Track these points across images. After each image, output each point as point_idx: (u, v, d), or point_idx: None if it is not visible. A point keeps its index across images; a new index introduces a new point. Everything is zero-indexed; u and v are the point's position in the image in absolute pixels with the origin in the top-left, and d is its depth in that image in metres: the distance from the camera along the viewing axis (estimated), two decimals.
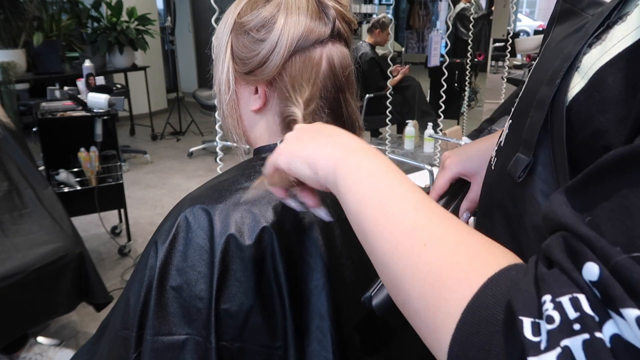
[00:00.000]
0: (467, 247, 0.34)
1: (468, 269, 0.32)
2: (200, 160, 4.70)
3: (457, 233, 0.35)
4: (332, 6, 0.63)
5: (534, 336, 0.26)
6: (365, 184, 0.40)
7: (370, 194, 0.39)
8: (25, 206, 1.72)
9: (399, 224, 0.36)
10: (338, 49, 0.64)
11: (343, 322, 0.63)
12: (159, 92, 6.31)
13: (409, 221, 0.36)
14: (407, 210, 0.37)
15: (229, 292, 0.59)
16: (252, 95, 0.67)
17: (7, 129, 1.85)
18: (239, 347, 0.60)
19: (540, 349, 0.25)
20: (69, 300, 1.69)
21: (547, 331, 0.25)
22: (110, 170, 2.60)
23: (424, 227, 0.35)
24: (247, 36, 0.63)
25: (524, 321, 0.27)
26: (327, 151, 0.45)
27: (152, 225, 3.16)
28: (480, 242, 0.34)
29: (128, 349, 0.62)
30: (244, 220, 0.59)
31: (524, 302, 0.27)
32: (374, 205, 0.38)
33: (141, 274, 0.61)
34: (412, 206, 0.37)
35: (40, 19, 3.86)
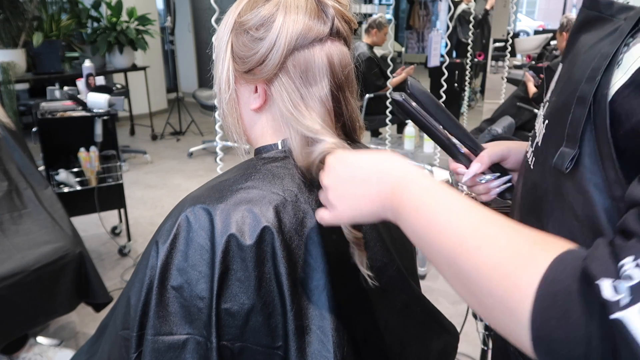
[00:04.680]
0: (524, 238, 0.37)
1: (530, 255, 0.35)
2: (200, 160, 4.70)
3: (509, 228, 0.38)
4: (332, 5, 0.63)
5: (614, 295, 0.29)
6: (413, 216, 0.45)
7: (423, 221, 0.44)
8: (25, 206, 1.71)
9: (451, 236, 0.40)
10: (337, 47, 0.64)
11: (344, 322, 0.63)
12: (159, 92, 6.31)
13: (462, 228, 0.40)
14: (454, 221, 0.41)
15: (230, 292, 0.58)
16: (252, 94, 0.67)
17: (7, 129, 1.84)
18: (240, 346, 0.60)
19: (621, 306, 0.28)
20: (69, 300, 1.68)
21: (629, 287, 0.28)
22: (110, 170, 2.60)
23: (475, 230, 0.39)
24: (246, 35, 0.63)
25: (602, 284, 0.29)
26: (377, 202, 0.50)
27: (152, 225, 3.16)
28: (534, 233, 0.37)
29: (129, 349, 0.62)
30: (244, 220, 0.59)
31: (601, 267, 0.30)
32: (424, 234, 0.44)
33: (142, 274, 0.61)
34: (461, 213, 0.41)
35: (40, 19, 3.86)
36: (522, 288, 0.34)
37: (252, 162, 0.67)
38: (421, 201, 0.45)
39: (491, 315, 0.37)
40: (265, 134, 0.69)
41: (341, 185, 0.52)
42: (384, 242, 0.72)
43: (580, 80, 0.42)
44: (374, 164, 0.51)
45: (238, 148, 0.73)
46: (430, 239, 0.43)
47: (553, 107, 0.49)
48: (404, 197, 0.47)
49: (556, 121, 0.46)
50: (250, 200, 0.60)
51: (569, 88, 0.45)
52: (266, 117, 0.68)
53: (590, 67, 0.41)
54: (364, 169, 0.51)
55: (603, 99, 0.38)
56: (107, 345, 0.68)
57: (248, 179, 0.63)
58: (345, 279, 0.65)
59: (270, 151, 0.68)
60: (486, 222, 0.40)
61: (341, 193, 0.52)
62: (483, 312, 0.38)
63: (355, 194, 0.51)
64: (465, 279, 0.38)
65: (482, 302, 0.37)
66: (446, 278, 0.42)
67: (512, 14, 4.58)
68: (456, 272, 0.39)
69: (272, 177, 0.63)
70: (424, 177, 0.47)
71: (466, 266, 0.38)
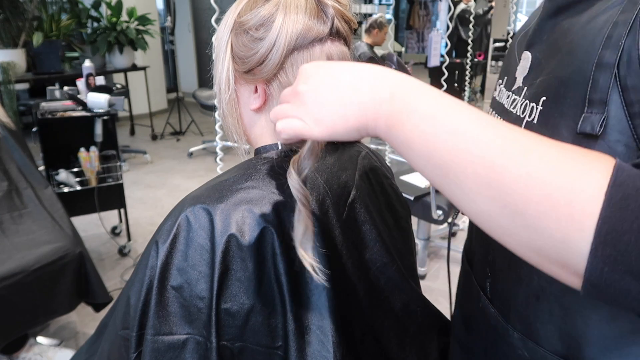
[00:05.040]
0: (569, 147, 0.36)
1: (588, 160, 0.34)
2: (200, 160, 4.70)
3: (547, 140, 0.37)
4: (332, 5, 0.63)
5: None
6: (428, 125, 0.40)
7: (437, 131, 0.39)
8: (25, 206, 1.72)
9: (487, 144, 0.37)
10: (337, 47, 0.64)
11: (344, 322, 0.63)
12: (159, 92, 6.31)
13: (498, 139, 0.37)
14: (487, 131, 0.38)
15: (230, 292, 0.58)
16: (251, 94, 0.67)
17: (7, 129, 1.84)
18: (240, 346, 0.60)
19: None
20: (69, 300, 1.68)
21: None
22: (110, 170, 2.60)
23: (515, 140, 0.37)
24: (246, 35, 0.63)
25: None
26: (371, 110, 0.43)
27: (152, 225, 3.16)
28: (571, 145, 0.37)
29: (128, 349, 0.62)
30: (244, 219, 0.59)
31: None
32: (449, 140, 0.38)
33: (142, 274, 0.61)
34: (491, 125, 0.38)
35: (40, 19, 3.86)
36: (587, 192, 0.33)
37: (252, 162, 0.67)
38: (439, 109, 0.40)
39: (536, 228, 0.35)
40: (265, 134, 0.69)
41: (322, 91, 0.44)
42: (384, 241, 0.72)
43: (589, 52, 0.43)
44: (363, 68, 0.45)
45: (238, 148, 0.73)
46: (452, 151, 0.38)
47: (547, 85, 0.49)
48: (409, 104, 0.41)
49: (559, 95, 0.47)
50: (250, 200, 0.60)
51: (570, 62, 0.46)
52: (266, 117, 0.68)
53: (601, 37, 0.43)
54: (353, 74, 0.44)
55: (633, 60, 0.40)
56: (107, 345, 0.68)
57: (248, 179, 0.63)
58: (345, 279, 0.65)
59: (270, 151, 0.68)
60: (521, 131, 0.38)
61: (321, 101, 0.44)
62: (523, 226, 0.36)
63: (341, 101, 0.43)
64: (507, 190, 0.35)
65: (527, 214, 0.35)
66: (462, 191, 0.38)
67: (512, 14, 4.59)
68: (493, 185, 0.36)
69: (272, 177, 0.63)
70: (427, 85, 0.42)
71: (511, 176, 0.35)
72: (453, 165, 0.38)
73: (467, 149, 0.38)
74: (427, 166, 0.40)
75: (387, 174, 0.83)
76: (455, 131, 0.38)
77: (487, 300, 0.59)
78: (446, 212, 2.27)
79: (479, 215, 0.39)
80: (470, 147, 0.37)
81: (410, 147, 0.41)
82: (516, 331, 0.53)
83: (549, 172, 0.34)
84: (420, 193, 2.34)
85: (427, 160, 0.40)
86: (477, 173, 0.37)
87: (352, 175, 0.72)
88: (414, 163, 0.42)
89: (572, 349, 0.48)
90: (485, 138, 0.37)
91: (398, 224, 0.81)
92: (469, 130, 0.38)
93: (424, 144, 0.40)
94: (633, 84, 0.40)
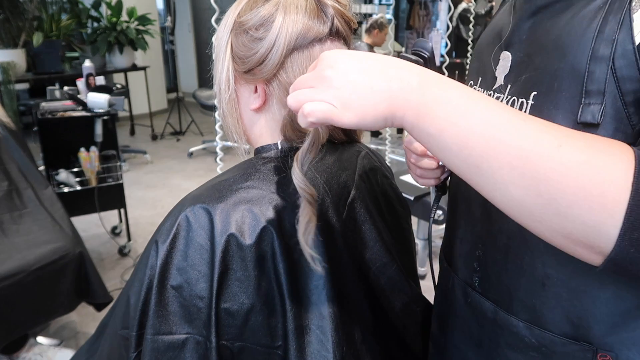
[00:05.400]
0: (593, 137, 0.39)
1: (613, 151, 0.37)
2: (200, 160, 4.70)
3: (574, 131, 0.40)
4: (331, 5, 0.63)
5: None
6: (460, 117, 0.41)
7: (471, 123, 0.40)
8: (25, 206, 1.72)
9: (520, 137, 0.39)
10: (337, 47, 0.64)
11: (344, 321, 0.63)
12: (159, 92, 6.31)
13: (530, 131, 0.39)
14: (519, 124, 0.40)
15: (230, 292, 0.58)
16: (251, 94, 0.67)
17: (7, 128, 1.85)
18: (239, 346, 0.60)
19: None
20: (69, 300, 1.68)
21: None
22: (110, 170, 2.60)
23: (546, 132, 0.39)
24: (246, 35, 0.63)
25: None
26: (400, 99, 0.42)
27: (152, 225, 3.16)
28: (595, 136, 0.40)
29: (128, 348, 0.62)
30: (244, 219, 0.59)
31: None
32: (482, 132, 0.40)
33: (141, 273, 0.61)
34: (521, 118, 0.40)
35: (40, 19, 3.86)
36: (616, 181, 0.36)
37: (252, 162, 0.67)
38: (470, 101, 0.41)
39: (568, 215, 0.38)
40: (265, 133, 0.69)
41: (352, 76, 0.43)
42: (384, 241, 0.72)
43: (581, 46, 0.46)
44: (389, 58, 0.45)
45: (238, 148, 0.73)
46: (487, 142, 0.39)
47: (536, 80, 0.51)
48: (441, 96, 0.41)
49: (553, 88, 0.49)
50: (250, 200, 0.60)
51: (560, 57, 0.48)
52: (266, 117, 0.68)
53: (592, 32, 0.46)
54: (381, 62, 0.44)
55: (628, 53, 0.43)
56: (107, 344, 0.68)
57: (248, 179, 0.63)
58: (345, 279, 0.65)
59: (270, 151, 0.68)
60: (548, 123, 0.40)
61: (352, 87, 0.43)
62: (556, 214, 0.38)
63: (372, 88, 0.42)
64: (541, 180, 0.38)
65: (561, 203, 0.37)
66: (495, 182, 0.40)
67: None
68: (527, 175, 0.38)
69: (272, 176, 0.63)
70: (449, 78, 0.43)
71: (546, 167, 0.38)
72: (487, 156, 0.40)
73: (502, 140, 0.39)
74: (458, 157, 0.41)
75: (387, 174, 0.83)
76: (488, 123, 0.40)
77: (478, 295, 0.60)
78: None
79: (510, 203, 0.40)
80: (505, 138, 0.39)
81: (441, 138, 0.41)
82: (521, 320, 0.54)
83: (582, 163, 0.37)
84: (420, 193, 2.34)
85: (458, 152, 0.41)
86: (512, 164, 0.39)
87: (352, 175, 0.72)
88: (442, 154, 0.42)
89: (582, 329, 0.50)
90: (518, 130, 0.39)
91: (398, 224, 0.81)
92: (502, 122, 0.40)
93: (456, 135, 0.40)
94: (628, 74, 0.43)
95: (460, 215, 0.65)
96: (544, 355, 0.53)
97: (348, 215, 0.69)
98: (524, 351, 0.54)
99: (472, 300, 0.61)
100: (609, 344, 0.48)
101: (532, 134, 0.39)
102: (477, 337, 0.61)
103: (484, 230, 0.59)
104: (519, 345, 0.55)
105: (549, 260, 0.51)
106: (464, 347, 0.64)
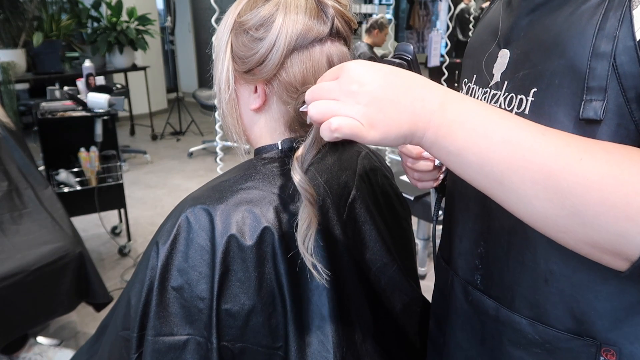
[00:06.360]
0: (612, 146, 0.40)
1: (633, 160, 0.38)
2: (200, 160, 4.70)
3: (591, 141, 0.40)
4: (331, 5, 0.63)
5: None
6: (481, 136, 0.42)
7: (491, 142, 0.41)
8: (25, 206, 1.72)
9: (541, 152, 0.40)
10: (337, 47, 0.64)
11: (344, 322, 0.63)
12: (159, 92, 6.31)
13: (550, 146, 0.40)
14: (539, 139, 0.40)
15: (230, 293, 0.58)
16: (251, 94, 0.67)
17: (7, 129, 1.84)
18: (240, 347, 0.60)
19: None
20: (69, 300, 1.68)
21: None
22: (110, 170, 2.60)
23: (566, 145, 0.40)
24: (246, 35, 0.63)
25: None
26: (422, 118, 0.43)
27: (152, 225, 3.16)
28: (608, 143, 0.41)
29: (129, 350, 0.62)
30: (245, 220, 0.59)
31: None
32: (503, 149, 0.41)
33: (142, 275, 0.61)
34: (540, 132, 0.41)
35: (40, 19, 3.86)
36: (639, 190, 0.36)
37: (252, 163, 0.67)
38: (490, 119, 0.42)
39: (594, 226, 0.38)
40: (265, 134, 0.69)
41: (379, 94, 0.43)
42: (384, 242, 0.72)
43: (582, 43, 0.46)
44: (411, 75, 0.45)
45: (238, 148, 0.73)
46: (508, 159, 0.40)
47: (535, 77, 0.51)
48: (461, 115, 0.43)
49: (553, 85, 0.49)
50: (250, 201, 0.60)
51: (560, 54, 0.48)
52: (266, 117, 0.68)
53: (592, 29, 0.46)
54: (402, 78, 0.45)
55: (629, 49, 0.43)
56: (108, 345, 0.68)
57: (248, 180, 0.63)
58: (345, 280, 0.65)
59: (270, 151, 0.68)
60: (568, 135, 0.41)
61: (378, 105, 0.43)
62: (581, 224, 0.39)
63: (397, 108, 0.43)
64: (565, 194, 0.39)
65: (586, 215, 0.38)
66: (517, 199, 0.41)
67: None
68: (550, 189, 0.39)
69: (272, 177, 0.63)
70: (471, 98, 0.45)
71: (568, 181, 0.38)
72: (509, 172, 0.41)
73: (523, 156, 0.40)
74: (479, 174, 0.43)
75: (387, 174, 0.83)
76: (509, 140, 0.41)
77: (479, 293, 0.60)
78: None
79: (535, 216, 0.41)
80: (525, 154, 0.40)
81: (461, 156, 0.43)
82: (524, 317, 0.54)
83: (604, 175, 0.38)
84: (420, 193, 2.34)
85: (479, 169, 0.42)
86: (534, 179, 0.40)
87: (352, 175, 0.72)
88: (463, 171, 0.44)
89: (585, 324, 0.50)
90: (539, 145, 0.40)
91: (398, 224, 0.81)
92: (522, 138, 0.41)
93: (477, 153, 0.42)
94: (630, 70, 0.43)
95: (458, 213, 0.65)
96: (547, 352, 0.53)
97: (348, 215, 0.69)
98: (527, 348, 0.54)
99: (473, 299, 0.61)
100: (613, 338, 0.49)
101: (553, 149, 0.40)
102: (479, 335, 0.61)
103: (484, 227, 0.59)
104: (522, 342, 0.55)
105: (552, 256, 0.51)
106: (466, 346, 0.64)
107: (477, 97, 0.61)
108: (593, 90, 0.45)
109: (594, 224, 0.38)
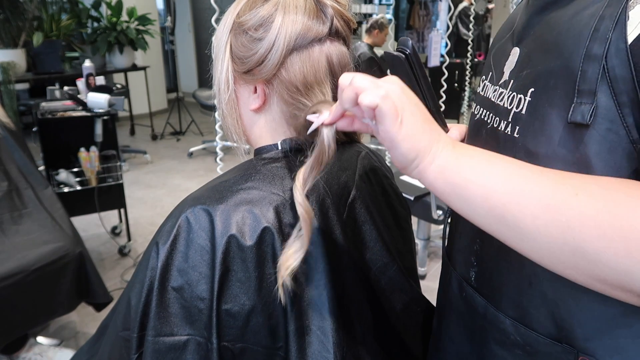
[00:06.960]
0: (604, 180, 0.40)
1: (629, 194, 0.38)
2: (200, 160, 4.70)
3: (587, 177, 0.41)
4: (331, 5, 0.63)
5: None
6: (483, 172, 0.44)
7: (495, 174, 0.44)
8: (25, 206, 1.72)
9: (540, 186, 0.41)
10: (337, 47, 0.64)
11: (344, 322, 0.63)
12: (159, 92, 6.31)
13: (548, 181, 0.41)
14: (537, 174, 0.42)
15: (230, 293, 0.58)
16: (251, 94, 0.67)
17: (7, 129, 1.84)
18: (241, 347, 0.60)
19: None
20: (69, 300, 1.68)
21: None
22: (110, 170, 2.60)
23: (562, 181, 0.41)
24: (245, 35, 0.63)
25: None
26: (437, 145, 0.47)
27: (152, 225, 3.16)
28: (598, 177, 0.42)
29: (129, 350, 0.62)
30: (245, 220, 0.59)
31: None
32: (505, 182, 0.43)
33: (142, 275, 0.61)
34: (539, 170, 0.43)
35: (40, 19, 3.86)
36: (636, 225, 0.36)
37: (252, 163, 0.67)
38: (493, 155, 0.46)
39: (597, 262, 0.38)
40: (264, 134, 0.69)
41: (415, 107, 0.47)
42: (384, 242, 0.72)
43: (577, 44, 0.46)
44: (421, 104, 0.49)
45: (238, 148, 0.73)
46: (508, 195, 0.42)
47: (535, 77, 0.51)
48: (468, 149, 0.47)
49: (549, 86, 0.48)
50: (250, 201, 0.60)
51: (558, 55, 0.48)
52: (265, 117, 0.68)
53: (588, 30, 0.45)
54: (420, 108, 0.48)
55: (621, 52, 0.42)
56: (108, 346, 0.68)
57: (248, 180, 0.63)
58: (345, 280, 0.65)
59: (270, 151, 0.68)
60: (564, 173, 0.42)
61: (413, 111, 0.47)
62: (584, 260, 0.39)
63: (423, 125, 0.47)
64: (564, 229, 0.39)
65: (587, 250, 0.38)
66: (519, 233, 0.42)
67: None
68: (549, 224, 0.39)
69: (272, 177, 0.63)
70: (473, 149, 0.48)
71: (566, 214, 0.39)
72: (510, 206, 0.42)
73: (523, 190, 0.41)
74: (481, 209, 0.44)
75: (387, 174, 0.83)
76: (511, 173, 0.43)
77: (472, 290, 0.60)
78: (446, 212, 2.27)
79: (540, 252, 0.42)
80: (525, 188, 0.41)
81: (463, 191, 0.45)
82: (508, 317, 0.54)
83: (599, 210, 0.38)
84: (420, 193, 2.34)
85: (481, 204, 0.44)
86: (535, 214, 0.40)
87: (352, 175, 0.72)
88: (464, 207, 0.45)
89: (565, 331, 0.50)
90: (537, 179, 0.42)
91: (398, 224, 0.81)
92: (522, 173, 0.43)
93: (482, 185, 0.44)
94: (621, 74, 0.42)
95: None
96: (527, 354, 0.53)
97: (348, 215, 0.69)
98: (510, 348, 0.55)
99: (467, 295, 0.61)
100: (591, 348, 0.48)
101: (550, 184, 0.41)
102: (469, 331, 0.61)
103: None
104: (505, 342, 0.55)
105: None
106: (457, 340, 0.64)
107: (489, 95, 0.61)
108: (583, 93, 0.45)
109: (597, 260, 0.38)
